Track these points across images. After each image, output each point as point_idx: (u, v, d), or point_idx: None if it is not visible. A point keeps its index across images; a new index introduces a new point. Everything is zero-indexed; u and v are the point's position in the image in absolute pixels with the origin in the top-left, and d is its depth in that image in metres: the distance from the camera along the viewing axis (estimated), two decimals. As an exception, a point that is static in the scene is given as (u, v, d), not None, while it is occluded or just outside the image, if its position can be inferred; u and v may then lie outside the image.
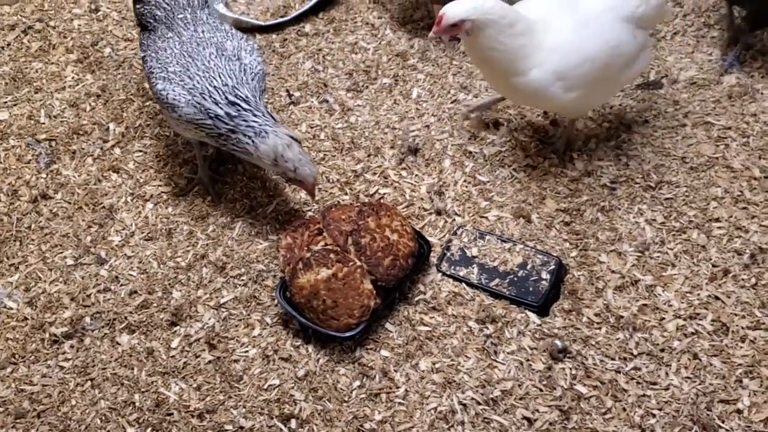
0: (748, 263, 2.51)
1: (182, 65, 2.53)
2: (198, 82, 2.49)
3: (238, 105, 2.47)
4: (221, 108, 2.46)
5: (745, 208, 2.66)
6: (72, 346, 2.49)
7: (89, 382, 2.40)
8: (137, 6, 2.78)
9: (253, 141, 2.46)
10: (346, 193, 2.83)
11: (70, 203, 2.88)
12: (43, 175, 2.98)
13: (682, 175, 2.78)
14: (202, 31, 2.63)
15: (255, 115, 2.47)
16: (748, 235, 2.58)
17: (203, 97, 2.47)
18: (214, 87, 2.48)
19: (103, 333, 2.51)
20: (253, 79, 2.55)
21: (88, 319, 2.54)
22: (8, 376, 2.43)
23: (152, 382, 2.39)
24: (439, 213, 2.73)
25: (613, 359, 2.33)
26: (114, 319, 2.54)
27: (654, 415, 2.21)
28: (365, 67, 3.30)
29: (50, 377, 2.43)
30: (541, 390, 2.27)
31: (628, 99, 3.09)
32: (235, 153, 2.56)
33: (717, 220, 2.64)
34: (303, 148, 2.51)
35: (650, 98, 3.09)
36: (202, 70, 2.51)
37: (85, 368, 2.43)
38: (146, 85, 3.18)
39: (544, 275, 2.49)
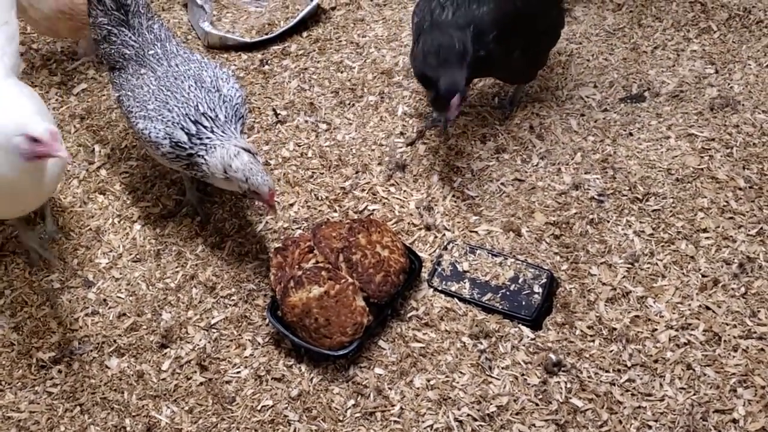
0: (737, 273, 2.53)
1: (161, 101, 2.48)
2: (177, 114, 2.44)
3: (200, 124, 2.42)
4: (185, 132, 2.41)
5: (731, 218, 2.69)
6: (60, 371, 2.45)
7: (78, 408, 2.36)
8: (102, 46, 2.67)
9: (204, 159, 2.40)
10: (335, 211, 2.82)
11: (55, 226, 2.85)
12: (28, 198, 2.94)
13: (669, 187, 2.80)
14: (176, 64, 2.58)
15: (213, 132, 2.42)
16: (735, 245, 2.60)
17: (176, 128, 2.42)
18: (185, 114, 2.43)
19: (92, 357, 2.47)
20: (232, 108, 2.50)
21: (76, 343, 2.50)
22: (-5, 404, 2.39)
23: (143, 406, 2.35)
24: (428, 228, 2.73)
25: (607, 371, 2.33)
26: (103, 343, 2.50)
27: (650, 427, 2.21)
28: (351, 85, 3.31)
29: (38, 403, 2.38)
30: (536, 404, 2.26)
31: (612, 113, 3.12)
32: (206, 181, 2.51)
33: (704, 230, 2.66)
34: (256, 159, 2.38)
35: (633, 111, 3.12)
36: (181, 102, 2.46)
37: (74, 393, 2.39)
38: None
39: (536, 289, 2.49)
